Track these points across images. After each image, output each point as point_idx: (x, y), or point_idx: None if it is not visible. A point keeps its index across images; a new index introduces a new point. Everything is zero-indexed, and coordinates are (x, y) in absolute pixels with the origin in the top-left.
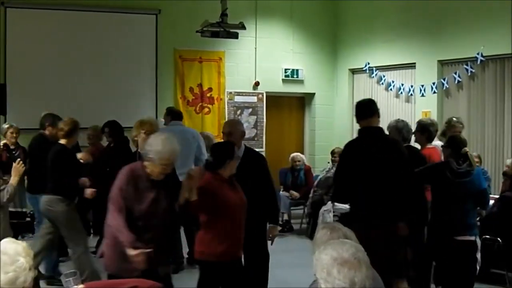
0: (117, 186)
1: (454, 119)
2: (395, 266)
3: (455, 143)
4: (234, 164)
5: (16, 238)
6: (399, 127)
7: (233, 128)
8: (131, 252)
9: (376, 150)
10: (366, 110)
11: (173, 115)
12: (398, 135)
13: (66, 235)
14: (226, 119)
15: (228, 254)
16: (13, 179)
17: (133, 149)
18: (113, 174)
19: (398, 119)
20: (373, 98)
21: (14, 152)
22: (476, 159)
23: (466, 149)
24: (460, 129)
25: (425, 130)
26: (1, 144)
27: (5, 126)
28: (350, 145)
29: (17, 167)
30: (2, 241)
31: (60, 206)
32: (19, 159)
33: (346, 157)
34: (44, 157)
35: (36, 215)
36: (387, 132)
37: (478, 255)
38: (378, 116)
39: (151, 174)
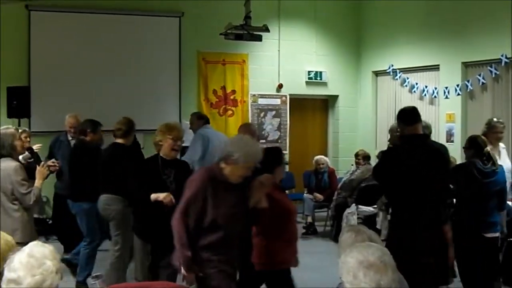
0: (193, 191)
1: (494, 119)
2: (443, 269)
3: (477, 143)
4: (282, 169)
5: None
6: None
7: (250, 131)
8: (184, 272)
9: (423, 156)
10: (413, 116)
11: (206, 119)
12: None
13: (115, 234)
14: (250, 122)
15: (293, 259)
16: (38, 182)
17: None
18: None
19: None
20: (396, 100)
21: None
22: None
23: (488, 148)
24: (501, 129)
25: None
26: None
27: (19, 130)
28: (395, 150)
29: (42, 170)
30: (30, 244)
31: (117, 205)
32: (42, 162)
33: (392, 162)
34: (87, 163)
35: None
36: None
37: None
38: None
39: (229, 176)
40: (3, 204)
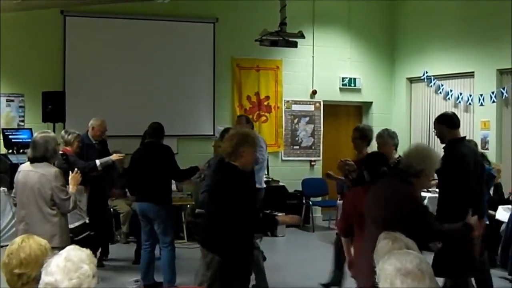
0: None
1: None
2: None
3: None
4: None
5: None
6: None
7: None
8: None
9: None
10: (457, 121)
11: (252, 124)
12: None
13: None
14: (283, 128)
15: None
16: (72, 188)
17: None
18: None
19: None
20: (431, 107)
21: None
22: (498, 168)
23: None
24: None
25: (365, 136)
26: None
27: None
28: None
29: (75, 176)
30: (67, 248)
31: None
32: (76, 169)
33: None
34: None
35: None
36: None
37: None
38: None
39: (418, 189)
40: (41, 209)
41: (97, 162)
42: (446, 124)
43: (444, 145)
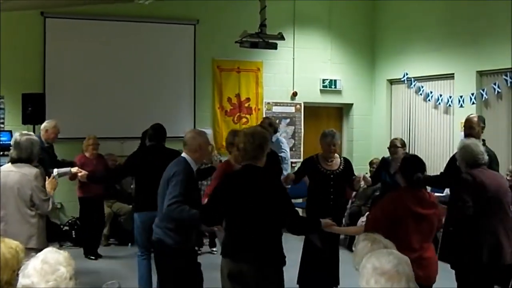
0: None
1: None
2: None
3: None
4: None
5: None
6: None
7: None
8: None
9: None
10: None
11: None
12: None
13: None
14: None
15: None
16: (50, 192)
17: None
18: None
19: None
20: (411, 109)
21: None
22: (507, 173)
23: None
24: None
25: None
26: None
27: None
28: None
29: (52, 181)
30: (44, 250)
31: None
32: (52, 175)
33: None
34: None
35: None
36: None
37: None
38: None
39: None
40: (20, 209)
41: (55, 171)
42: None
43: None
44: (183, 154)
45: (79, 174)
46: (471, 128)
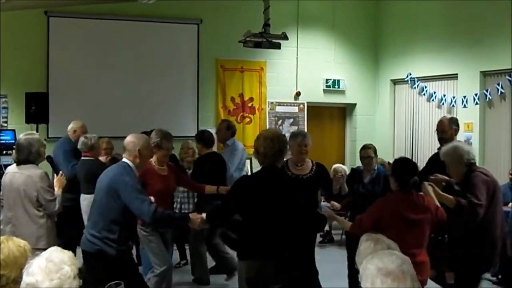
0: None
1: None
2: None
3: None
4: None
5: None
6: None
7: None
8: None
9: None
10: None
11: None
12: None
13: None
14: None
15: None
16: (58, 191)
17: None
18: None
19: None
20: (414, 109)
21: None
22: (511, 172)
23: None
24: None
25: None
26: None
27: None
28: None
29: (60, 179)
30: (49, 249)
31: None
32: (61, 172)
33: None
34: None
35: None
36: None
37: None
38: None
39: None
40: (28, 210)
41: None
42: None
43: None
44: (125, 159)
45: None
46: (443, 132)
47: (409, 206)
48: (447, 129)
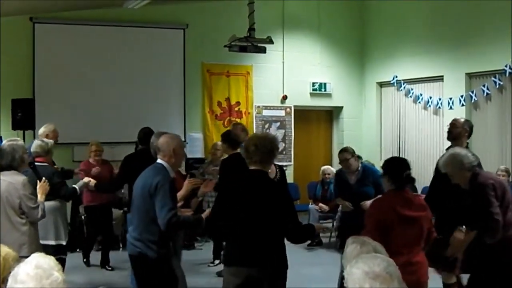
0: None
1: None
2: None
3: None
4: None
5: None
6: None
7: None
8: None
9: None
10: None
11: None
12: None
13: None
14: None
15: None
16: (41, 197)
17: None
18: None
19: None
20: (401, 111)
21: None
22: (503, 173)
23: None
24: None
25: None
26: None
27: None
28: None
29: (43, 185)
30: (34, 255)
31: None
32: (44, 178)
33: None
34: None
35: None
36: None
37: None
38: None
39: None
40: (10, 218)
41: (76, 187)
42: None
43: None
44: (159, 160)
45: (90, 183)
46: (453, 126)
47: (406, 204)
48: (458, 125)
